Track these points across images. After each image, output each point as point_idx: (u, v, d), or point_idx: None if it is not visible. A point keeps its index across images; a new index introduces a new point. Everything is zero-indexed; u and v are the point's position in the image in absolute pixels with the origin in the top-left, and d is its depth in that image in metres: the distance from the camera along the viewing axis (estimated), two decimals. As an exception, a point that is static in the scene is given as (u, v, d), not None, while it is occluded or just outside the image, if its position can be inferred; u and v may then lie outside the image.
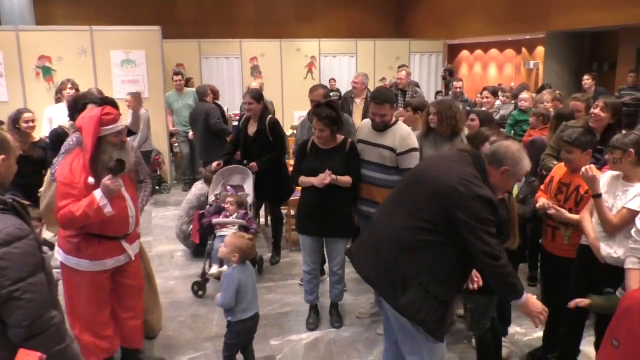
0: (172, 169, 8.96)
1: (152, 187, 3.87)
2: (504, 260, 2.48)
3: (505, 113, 7.11)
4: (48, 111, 6.46)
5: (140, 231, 3.57)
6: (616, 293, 2.85)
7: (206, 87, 7.88)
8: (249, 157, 5.23)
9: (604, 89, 8.36)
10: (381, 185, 3.96)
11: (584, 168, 3.11)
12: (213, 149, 6.93)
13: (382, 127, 3.96)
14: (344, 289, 4.35)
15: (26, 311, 1.90)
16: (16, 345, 1.89)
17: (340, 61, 12.79)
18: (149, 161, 7.51)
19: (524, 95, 6.75)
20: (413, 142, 3.95)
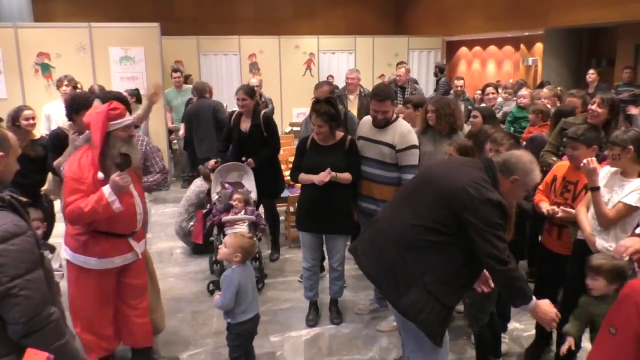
0: (171, 166, 8.94)
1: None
2: (512, 264, 2.47)
3: (508, 110, 7.11)
4: (46, 108, 6.46)
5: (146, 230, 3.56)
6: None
7: (205, 84, 7.83)
8: (244, 154, 5.18)
9: (606, 85, 8.39)
10: (380, 182, 3.98)
11: (586, 160, 3.10)
12: None
13: (383, 124, 3.97)
14: (344, 286, 4.36)
15: (24, 308, 1.90)
16: (15, 341, 1.90)
17: (339, 58, 12.76)
18: None
19: (523, 92, 6.76)
20: (413, 139, 3.96)
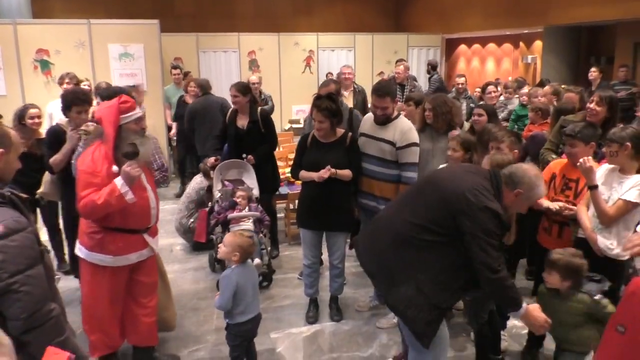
0: (171, 163, 8.93)
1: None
2: (504, 273, 2.51)
3: (512, 108, 7.10)
4: (49, 107, 6.38)
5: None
6: (596, 297, 2.85)
7: (208, 81, 7.75)
8: (242, 151, 5.17)
9: (607, 83, 8.40)
10: (380, 179, 3.99)
11: (582, 159, 3.12)
12: None
13: (383, 121, 3.98)
14: (344, 283, 4.37)
15: (24, 304, 1.91)
16: (16, 337, 1.90)
17: (338, 55, 12.74)
18: None
19: (526, 90, 6.77)
20: (413, 137, 3.96)
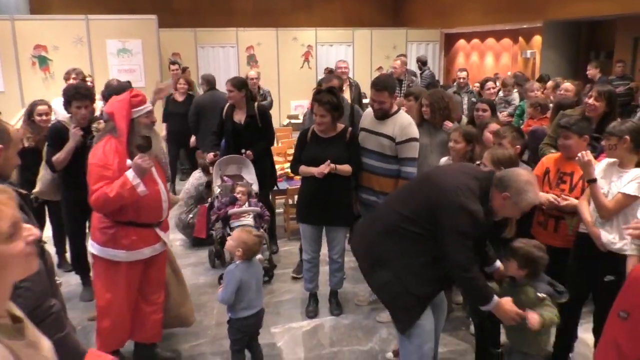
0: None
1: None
2: (474, 272, 2.62)
3: (517, 103, 7.08)
4: (54, 103, 6.37)
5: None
6: (540, 294, 2.79)
7: (214, 76, 7.50)
8: (240, 146, 5.14)
9: (605, 78, 8.40)
10: (379, 173, 3.99)
11: (580, 153, 3.11)
12: None
13: (382, 116, 3.97)
14: (344, 277, 4.37)
15: (25, 300, 1.91)
16: None
17: (337, 50, 12.73)
18: None
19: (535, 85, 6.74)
20: (413, 132, 3.95)
